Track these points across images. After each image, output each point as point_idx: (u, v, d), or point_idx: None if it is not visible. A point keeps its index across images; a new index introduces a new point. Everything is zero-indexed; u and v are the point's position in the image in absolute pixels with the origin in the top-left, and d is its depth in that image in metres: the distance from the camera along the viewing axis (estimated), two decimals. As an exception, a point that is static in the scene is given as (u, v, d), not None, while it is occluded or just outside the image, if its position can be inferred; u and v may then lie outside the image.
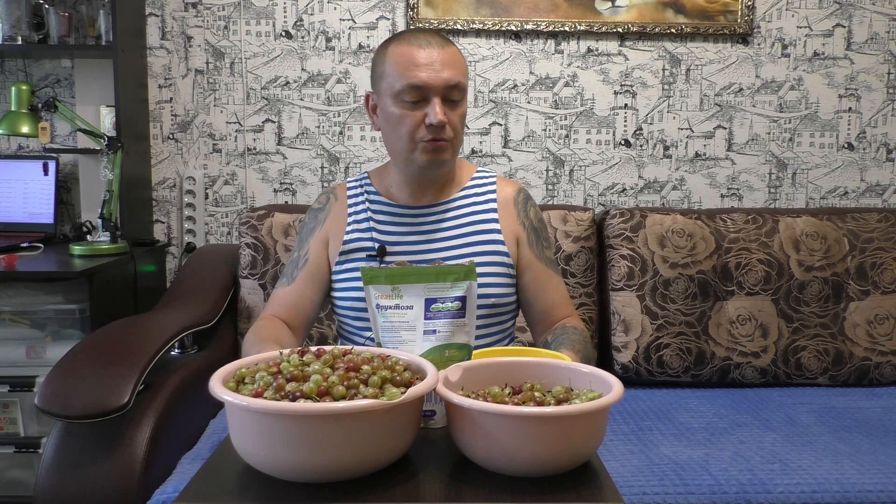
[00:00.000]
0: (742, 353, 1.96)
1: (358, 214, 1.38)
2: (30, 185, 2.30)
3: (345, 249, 1.36)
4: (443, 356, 0.99)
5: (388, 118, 1.28)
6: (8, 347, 1.92)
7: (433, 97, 1.23)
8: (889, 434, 1.63)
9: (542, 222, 1.42)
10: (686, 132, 2.40)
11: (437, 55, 1.24)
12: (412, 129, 1.25)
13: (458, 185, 1.39)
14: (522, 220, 1.38)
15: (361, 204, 1.39)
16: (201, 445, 1.53)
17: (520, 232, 1.37)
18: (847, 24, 2.36)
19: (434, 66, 1.23)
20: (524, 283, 1.38)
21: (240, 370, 0.85)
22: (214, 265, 2.07)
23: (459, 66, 1.27)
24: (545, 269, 1.38)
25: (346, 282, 1.35)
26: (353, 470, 0.77)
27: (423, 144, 1.26)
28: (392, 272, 1.02)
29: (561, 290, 1.40)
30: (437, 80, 1.23)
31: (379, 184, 1.40)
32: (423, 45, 1.25)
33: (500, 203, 1.38)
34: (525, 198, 1.41)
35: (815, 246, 2.03)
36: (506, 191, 1.40)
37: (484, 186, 1.40)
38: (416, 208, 1.36)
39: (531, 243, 1.38)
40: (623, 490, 1.36)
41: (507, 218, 1.37)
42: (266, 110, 2.37)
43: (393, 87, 1.25)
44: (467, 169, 1.43)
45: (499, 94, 2.37)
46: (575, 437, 0.78)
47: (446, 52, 1.25)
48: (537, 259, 1.37)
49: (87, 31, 2.26)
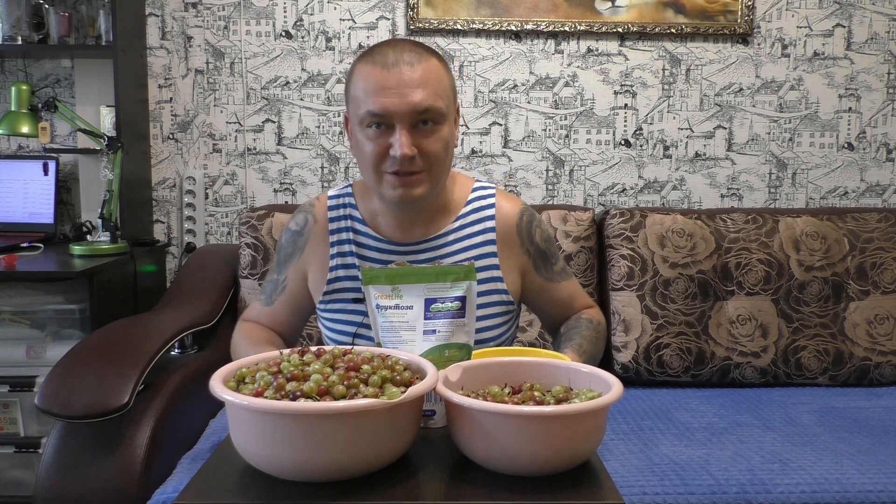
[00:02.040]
0: (742, 353, 1.96)
1: (342, 246, 1.25)
2: (30, 185, 2.30)
3: (329, 290, 1.25)
4: (443, 356, 0.99)
5: (356, 145, 1.16)
6: (8, 347, 1.92)
7: (398, 125, 1.09)
8: (889, 434, 1.63)
9: (549, 240, 1.31)
10: (686, 132, 2.40)
11: (404, 76, 1.09)
12: (376, 160, 1.12)
13: (451, 212, 1.25)
14: (527, 249, 1.27)
15: (345, 232, 1.25)
16: (201, 445, 1.53)
17: (524, 263, 1.27)
18: (847, 24, 2.36)
19: (399, 89, 1.08)
20: (541, 306, 1.33)
21: (240, 370, 0.85)
22: (214, 265, 2.07)
23: (434, 85, 1.11)
24: (557, 286, 1.31)
25: (332, 322, 1.26)
26: (353, 470, 0.77)
27: (389, 178, 1.12)
28: (392, 272, 1.02)
29: (574, 290, 1.34)
30: (401, 107, 1.08)
31: (364, 206, 1.26)
32: (389, 64, 1.09)
33: (500, 234, 1.25)
34: (528, 222, 1.28)
35: (815, 246, 2.03)
36: (507, 218, 1.26)
37: (481, 211, 1.26)
38: (405, 245, 1.23)
39: (539, 268, 1.29)
40: (623, 490, 1.36)
41: (508, 250, 1.25)
42: (266, 110, 2.37)
43: (358, 112, 1.12)
44: (463, 186, 1.28)
45: (499, 94, 2.37)
46: (574, 436, 0.78)
47: (416, 71, 1.09)
48: (548, 281, 1.30)
49: (87, 31, 2.26)
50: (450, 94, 1.16)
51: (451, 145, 1.17)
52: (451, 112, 1.16)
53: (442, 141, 1.13)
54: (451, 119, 1.16)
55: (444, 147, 1.14)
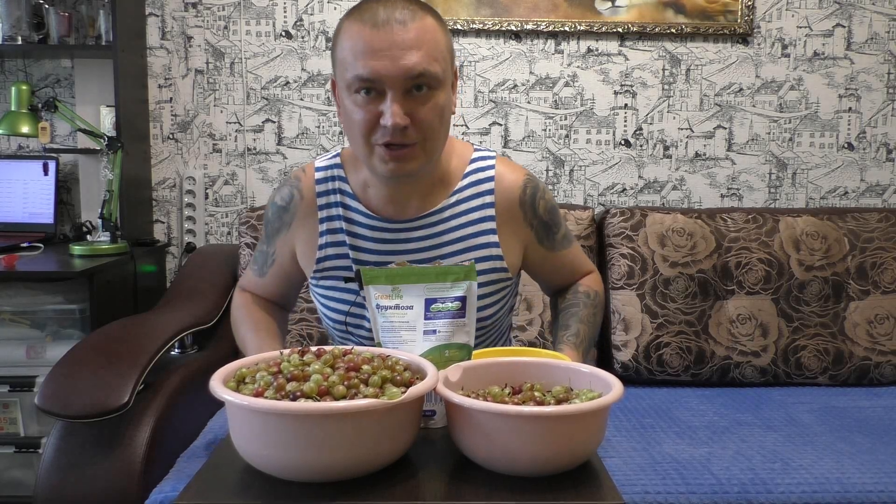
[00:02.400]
0: (742, 353, 1.96)
1: (332, 223, 1.17)
2: (30, 185, 2.30)
3: (319, 268, 1.19)
4: (443, 356, 0.99)
5: (344, 112, 1.05)
6: (8, 347, 1.92)
7: (390, 91, 0.99)
8: (889, 434, 1.63)
9: (553, 210, 1.23)
10: (686, 132, 2.40)
11: (396, 36, 0.98)
12: (366, 130, 1.02)
13: (448, 184, 1.17)
14: (530, 222, 1.20)
15: (335, 208, 1.17)
16: (199, 444, 1.53)
17: (526, 236, 1.21)
18: (847, 24, 2.36)
19: (391, 51, 0.97)
20: (542, 275, 1.29)
21: (240, 370, 0.85)
22: (214, 265, 2.07)
23: (430, 46, 1.00)
24: (560, 254, 1.26)
25: (325, 300, 1.22)
26: (353, 470, 0.77)
27: (380, 150, 1.02)
28: (392, 272, 1.02)
29: (576, 256, 1.29)
30: (393, 71, 0.98)
31: (354, 177, 1.17)
32: (380, 22, 0.98)
33: (500, 208, 1.17)
34: (532, 195, 1.20)
35: (816, 246, 2.03)
36: (508, 191, 1.18)
37: (481, 184, 1.17)
38: (398, 222, 1.15)
39: (542, 239, 1.22)
40: (625, 488, 1.36)
41: (509, 225, 1.18)
42: (266, 110, 2.37)
43: (345, 76, 1.01)
44: (461, 155, 1.19)
45: (499, 94, 2.37)
46: (575, 436, 0.78)
47: (410, 31, 0.98)
48: (550, 251, 1.25)
49: (87, 31, 2.26)
50: (447, 57, 1.04)
51: (448, 113, 1.06)
52: (448, 76, 1.05)
53: (437, 109, 1.02)
54: (447, 84, 1.05)
55: (440, 116, 1.03)
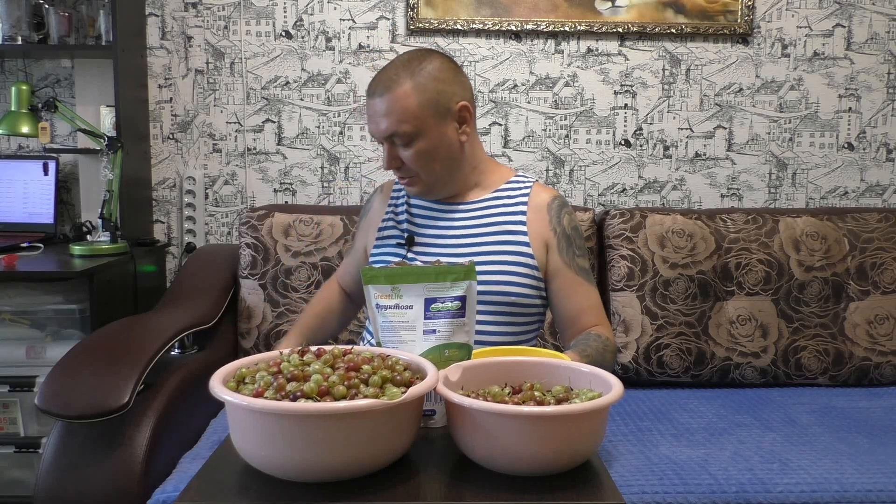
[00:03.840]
0: (742, 354, 1.96)
1: (397, 206, 1.47)
2: (30, 185, 2.30)
3: (379, 236, 1.46)
4: (443, 356, 0.99)
5: None
6: (8, 347, 1.92)
7: (381, 144, 1.33)
8: (889, 434, 1.63)
9: (578, 231, 1.41)
10: (686, 132, 2.40)
11: (375, 107, 1.30)
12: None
13: (488, 187, 1.43)
14: (554, 227, 1.38)
15: (402, 198, 1.47)
16: (201, 445, 1.53)
17: (550, 238, 1.37)
18: (847, 24, 2.36)
19: (374, 118, 1.30)
20: (553, 290, 1.38)
21: (240, 370, 0.85)
22: (214, 265, 2.07)
23: (399, 113, 1.28)
24: (575, 277, 1.37)
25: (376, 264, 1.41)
26: (353, 470, 0.77)
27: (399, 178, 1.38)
28: (392, 272, 1.02)
29: (591, 298, 1.39)
30: (376, 132, 1.32)
31: None
32: (370, 94, 1.31)
33: (531, 207, 1.39)
34: (560, 205, 1.41)
35: (815, 246, 2.03)
36: (540, 196, 1.41)
37: (517, 191, 1.42)
38: (449, 204, 1.42)
39: (561, 250, 1.37)
40: (623, 489, 1.36)
41: (536, 222, 1.38)
42: (266, 110, 2.37)
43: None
44: (502, 173, 1.46)
45: (499, 94, 2.37)
46: (575, 436, 0.78)
47: (383, 102, 1.28)
48: (566, 266, 1.37)
49: (87, 31, 2.26)
50: (418, 116, 1.28)
51: (441, 149, 1.33)
52: (426, 127, 1.29)
53: (418, 153, 1.31)
54: (428, 132, 1.30)
55: (424, 158, 1.31)
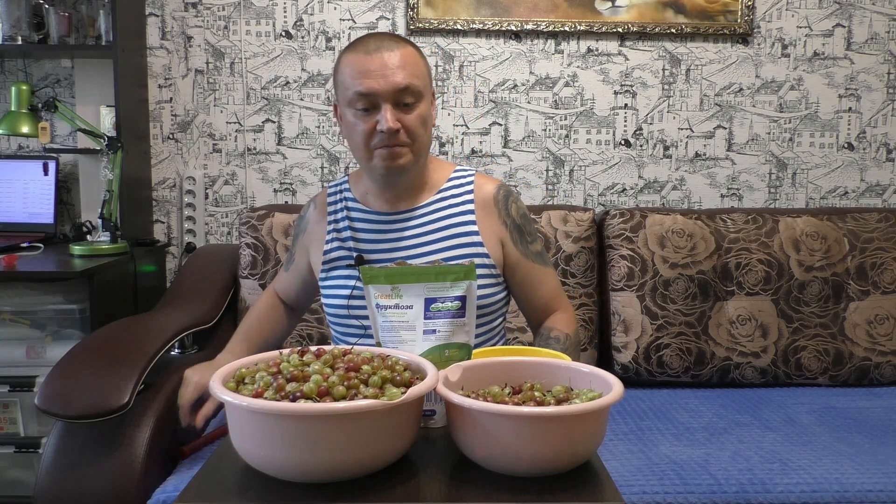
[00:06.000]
0: (742, 354, 1.96)
1: (338, 223, 1.40)
2: (30, 185, 2.30)
3: (326, 260, 1.39)
4: (443, 356, 0.99)
5: (346, 127, 1.30)
6: (8, 347, 1.92)
7: (383, 103, 1.23)
8: (889, 434, 1.63)
9: (526, 217, 1.41)
10: (686, 132, 2.40)
11: (385, 60, 1.23)
12: (366, 137, 1.26)
13: (433, 187, 1.38)
14: (504, 220, 1.37)
15: (341, 211, 1.40)
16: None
17: (502, 232, 1.36)
18: (847, 24, 2.36)
19: (382, 71, 1.23)
20: (515, 283, 1.39)
21: (239, 370, 0.85)
22: (214, 265, 2.06)
23: (412, 67, 1.25)
24: (532, 265, 1.39)
25: (330, 289, 1.38)
26: (353, 470, 0.77)
27: (379, 151, 1.26)
28: (392, 272, 1.02)
29: (551, 283, 1.41)
30: (384, 86, 1.22)
31: (357, 189, 1.41)
32: (372, 50, 1.24)
33: (479, 204, 1.36)
34: (505, 195, 1.39)
35: (815, 246, 2.03)
36: (484, 190, 1.37)
37: (461, 187, 1.38)
38: (390, 214, 1.36)
39: (515, 241, 1.37)
40: (623, 489, 1.36)
41: (486, 219, 1.35)
42: (266, 110, 2.37)
43: (346, 95, 1.26)
44: (444, 169, 1.41)
45: (499, 94, 2.37)
46: (575, 436, 0.78)
47: (396, 56, 1.24)
48: (524, 256, 1.38)
49: (87, 31, 2.26)
50: (426, 77, 1.30)
51: (430, 122, 1.31)
52: (427, 92, 1.29)
53: (421, 117, 1.27)
54: (427, 99, 1.29)
55: (423, 123, 1.28)
